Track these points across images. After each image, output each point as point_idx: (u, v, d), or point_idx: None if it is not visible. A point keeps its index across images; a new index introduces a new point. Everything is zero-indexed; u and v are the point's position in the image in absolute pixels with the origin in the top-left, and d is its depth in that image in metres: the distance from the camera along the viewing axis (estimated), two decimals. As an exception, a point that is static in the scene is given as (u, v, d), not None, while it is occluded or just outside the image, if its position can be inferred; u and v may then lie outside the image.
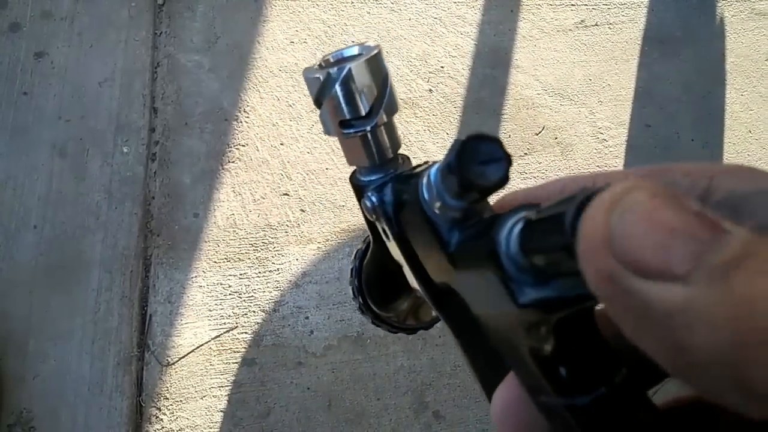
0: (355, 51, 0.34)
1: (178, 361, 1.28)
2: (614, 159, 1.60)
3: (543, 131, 1.60)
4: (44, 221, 1.35)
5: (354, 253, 0.47)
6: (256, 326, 1.32)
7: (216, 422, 1.25)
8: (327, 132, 0.34)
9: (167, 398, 1.25)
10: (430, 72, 1.62)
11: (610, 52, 1.72)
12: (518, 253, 0.20)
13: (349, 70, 0.31)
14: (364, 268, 0.45)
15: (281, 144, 1.49)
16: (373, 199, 0.33)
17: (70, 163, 1.40)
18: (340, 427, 1.27)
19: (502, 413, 0.24)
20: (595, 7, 1.77)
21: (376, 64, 0.33)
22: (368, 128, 0.33)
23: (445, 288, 0.29)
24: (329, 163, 1.48)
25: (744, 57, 1.75)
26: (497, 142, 0.24)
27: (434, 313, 0.41)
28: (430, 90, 1.60)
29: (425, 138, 1.54)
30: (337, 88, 0.32)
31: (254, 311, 1.33)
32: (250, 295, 1.34)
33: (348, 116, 0.33)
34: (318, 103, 0.33)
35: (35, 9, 1.54)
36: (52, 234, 1.34)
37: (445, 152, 0.24)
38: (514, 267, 0.21)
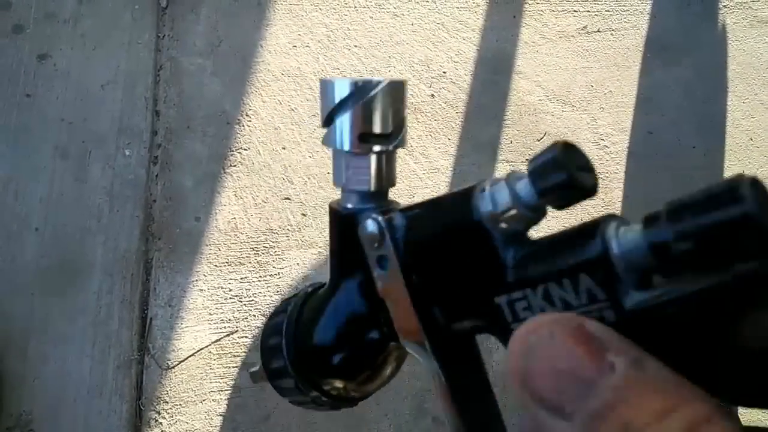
0: (376, 79, 0.33)
1: (178, 364, 1.28)
2: (616, 165, 1.60)
3: (545, 137, 1.60)
4: (46, 223, 1.35)
5: (271, 318, 0.39)
6: (257, 330, 1.32)
7: (215, 426, 1.25)
8: (335, 144, 0.32)
9: (167, 402, 1.25)
10: (432, 77, 1.62)
11: (612, 58, 1.72)
12: (641, 247, 0.21)
13: (390, 83, 0.31)
14: (305, 325, 0.36)
15: (283, 148, 1.49)
16: (380, 219, 0.30)
17: (72, 166, 1.40)
18: (339, 432, 1.27)
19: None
20: (597, 13, 1.77)
21: (403, 94, 0.33)
22: (383, 149, 0.32)
23: (459, 331, 0.28)
24: (330, 168, 1.48)
25: (746, 65, 1.76)
26: (585, 154, 0.24)
27: (386, 375, 0.36)
28: (432, 95, 1.60)
29: (427, 143, 1.54)
30: (369, 98, 0.31)
31: (255, 315, 1.33)
32: (250, 299, 1.34)
33: (372, 130, 0.32)
34: (333, 114, 0.32)
35: (38, 11, 1.54)
36: (54, 236, 1.34)
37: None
38: (626, 269, 0.21)
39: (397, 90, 0.32)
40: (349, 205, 0.34)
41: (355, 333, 0.34)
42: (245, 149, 1.48)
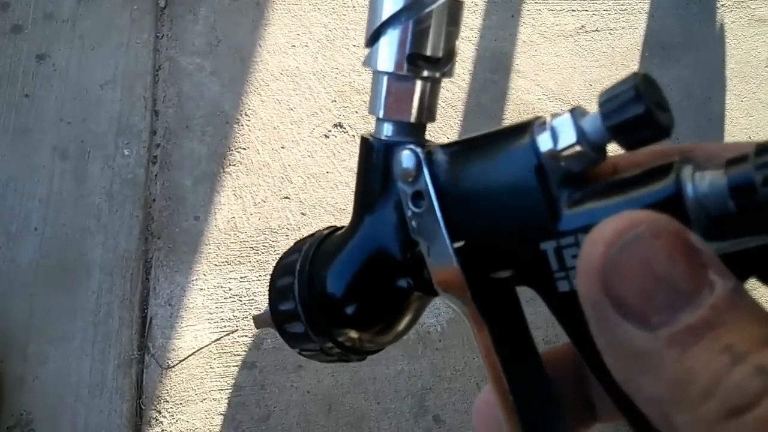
0: None
1: (178, 363, 1.28)
2: (614, 164, 1.61)
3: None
4: (45, 223, 1.35)
5: (281, 262, 0.35)
6: (257, 329, 1.32)
7: (216, 425, 1.25)
8: (378, 65, 0.29)
9: (167, 401, 1.25)
10: (431, 76, 1.62)
11: (611, 57, 1.72)
12: (721, 192, 0.19)
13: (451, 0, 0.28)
14: (318, 270, 0.33)
15: (282, 147, 1.49)
16: (418, 151, 0.27)
17: (71, 166, 1.40)
18: (340, 430, 1.27)
19: (475, 414, 0.27)
20: (595, 12, 1.77)
21: (461, 16, 0.29)
22: (432, 74, 0.29)
23: (499, 278, 0.26)
24: (330, 167, 1.49)
25: (744, 63, 1.76)
26: (663, 93, 0.22)
27: (400, 329, 0.33)
28: (431, 94, 1.60)
29: (426, 142, 1.54)
30: (433, 13, 0.27)
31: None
32: (250, 298, 1.34)
33: (423, 51, 0.28)
34: (381, 29, 0.28)
35: (37, 11, 1.54)
36: (53, 236, 1.34)
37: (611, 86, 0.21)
38: (700, 215, 0.19)
39: (456, 9, 0.28)
40: (385, 136, 0.30)
41: (376, 278, 0.31)
42: (244, 148, 1.48)
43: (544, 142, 0.24)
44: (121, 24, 1.56)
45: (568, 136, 0.23)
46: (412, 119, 0.29)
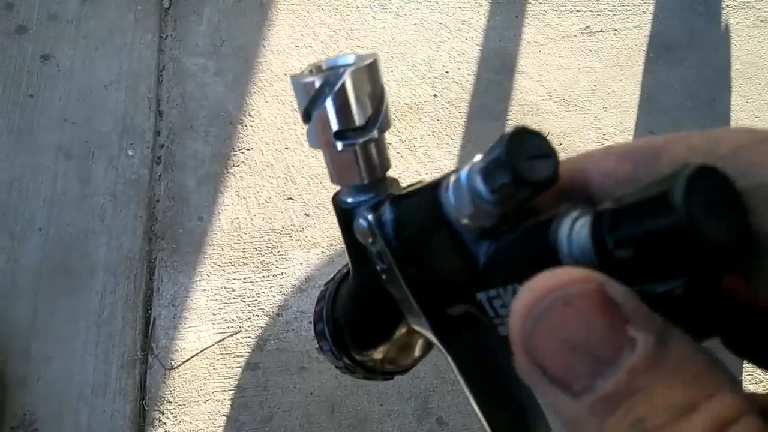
0: (350, 59, 0.31)
1: (181, 364, 1.28)
2: (619, 165, 1.60)
3: (548, 137, 1.60)
4: (49, 224, 1.35)
5: (319, 295, 0.41)
6: (260, 330, 1.32)
7: (219, 426, 1.25)
8: (315, 145, 0.31)
9: (170, 402, 1.25)
10: (435, 77, 1.62)
11: (615, 58, 1.72)
12: (588, 251, 0.19)
13: (349, 73, 0.29)
14: (338, 305, 0.40)
15: (286, 148, 1.49)
16: (369, 218, 0.30)
17: (75, 166, 1.41)
18: (343, 432, 1.27)
19: None
20: (600, 13, 1.77)
21: (374, 73, 0.30)
22: (363, 140, 0.30)
23: (459, 315, 0.27)
24: (334, 168, 1.48)
25: (749, 64, 1.75)
26: (544, 137, 0.22)
27: (417, 355, 0.38)
28: (435, 95, 1.60)
29: (430, 143, 1.54)
30: (335, 92, 0.29)
31: (258, 315, 1.33)
32: (254, 299, 1.34)
33: (343, 126, 0.30)
34: (307, 113, 0.30)
35: (41, 12, 1.54)
36: (57, 236, 1.34)
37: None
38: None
39: (363, 74, 0.29)
40: (348, 199, 0.32)
41: (375, 317, 0.36)
42: (248, 149, 1.48)
43: (448, 204, 0.25)
44: (125, 24, 1.56)
45: (463, 200, 0.24)
46: (365, 181, 0.31)
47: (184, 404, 1.26)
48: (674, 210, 0.16)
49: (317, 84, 0.29)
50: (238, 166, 1.46)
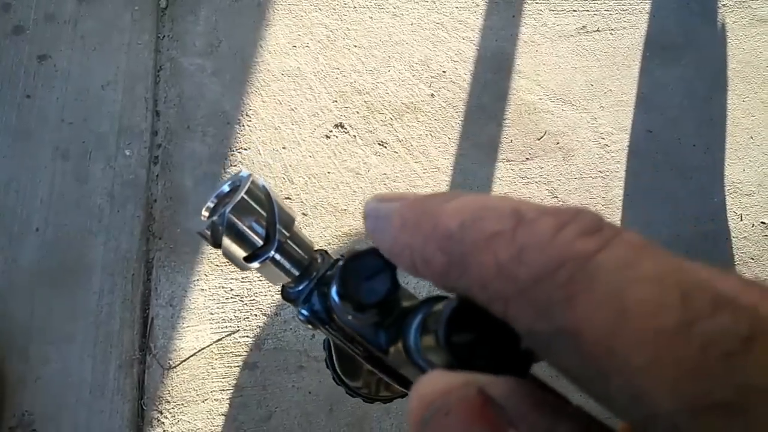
0: (226, 188, 0.34)
1: (179, 364, 1.28)
2: (616, 164, 1.61)
3: (545, 136, 1.60)
4: (46, 224, 1.35)
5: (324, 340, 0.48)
6: (258, 330, 1.32)
7: (217, 426, 1.25)
8: (238, 267, 0.35)
9: (169, 401, 1.25)
10: (432, 77, 1.63)
11: (612, 57, 1.72)
12: (420, 350, 0.23)
13: (229, 215, 0.32)
14: (332, 346, 0.46)
15: (283, 148, 1.49)
16: (305, 312, 0.34)
17: (72, 166, 1.40)
18: (341, 431, 1.27)
19: None
20: (596, 12, 1.77)
21: (253, 193, 0.33)
22: (272, 254, 0.33)
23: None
24: (331, 167, 1.49)
25: (745, 63, 1.76)
26: (374, 253, 0.24)
27: (397, 389, 0.44)
28: (432, 95, 1.60)
29: (427, 142, 1.54)
30: (225, 234, 0.32)
31: (256, 315, 1.33)
32: (251, 298, 1.34)
33: (248, 251, 0.33)
34: (219, 247, 0.34)
35: (38, 12, 1.54)
36: (55, 237, 1.34)
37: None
38: (421, 362, 0.23)
39: (242, 207, 0.32)
40: (290, 291, 0.36)
41: (346, 356, 0.43)
42: (245, 149, 1.48)
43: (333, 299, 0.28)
44: (122, 25, 1.56)
45: (340, 312, 0.27)
46: (296, 274, 0.35)
47: (182, 404, 1.26)
48: (443, 351, 0.19)
49: (209, 232, 0.32)
50: (235, 165, 1.46)
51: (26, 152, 1.40)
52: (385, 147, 1.52)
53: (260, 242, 0.33)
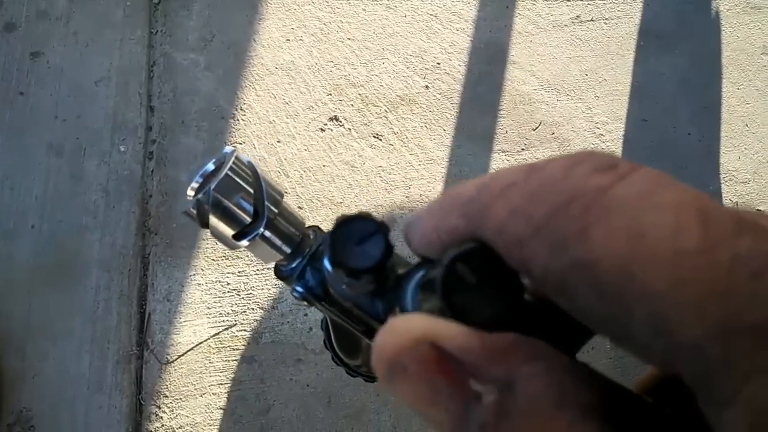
0: (211, 166, 0.34)
1: (177, 359, 1.28)
2: (611, 153, 1.60)
3: (540, 127, 1.60)
4: (42, 221, 1.34)
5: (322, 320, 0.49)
6: (255, 324, 1.32)
7: (216, 420, 1.25)
8: (228, 246, 0.34)
9: (167, 396, 1.25)
10: (426, 68, 1.62)
11: (606, 47, 1.72)
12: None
13: (213, 192, 0.31)
14: (330, 324, 0.46)
15: (278, 141, 1.49)
16: (299, 289, 0.34)
17: (67, 163, 1.40)
18: (339, 423, 1.27)
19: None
20: (590, 2, 1.77)
21: (238, 169, 0.32)
22: (261, 230, 0.33)
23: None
24: (326, 160, 1.48)
25: (740, 51, 1.76)
26: (366, 217, 0.24)
27: None
28: (427, 86, 1.60)
29: (422, 134, 1.54)
30: (211, 212, 0.31)
31: (253, 309, 1.33)
32: (248, 292, 1.34)
33: (236, 229, 0.32)
34: (207, 226, 0.33)
35: (30, 9, 1.53)
36: (50, 233, 1.34)
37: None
38: None
39: (227, 184, 0.32)
40: (283, 269, 0.35)
41: (350, 336, 0.43)
42: (240, 143, 1.48)
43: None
44: (114, 20, 1.55)
45: (335, 282, 0.27)
46: (288, 251, 0.34)
47: (180, 398, 1.26)
48: (439, 298, 0.18)
49: (195, 210, 0.32)
50: (230, 160, 1.46)
51: (20, 149, 1.40)
52: (380, 139, 1.52)
53: (248, 219, 0.32)
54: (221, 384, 1.27)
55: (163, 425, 1.24)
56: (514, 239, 0.16)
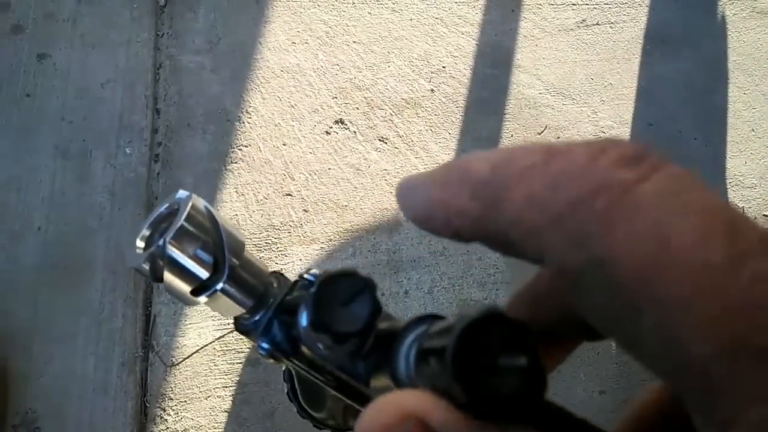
0: (164, 211, 0.30)
1: (182, 361, 1.28)
2: (616, 158, 1.60)
3: (545, 131, 1.60)
4: (48, 223, 1.35)
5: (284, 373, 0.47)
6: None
7: (220, 422, 1.25)
8: (184, 303, 0.31)
9: (172, 398, 1.26)
10: (431, 72, 1.62)
11: (612, 51, 1.72)
12: (412, 378, 0.19)
13: (169, 244, 0.28)
14: (295, 376, 0.43)
15: (284, 144, 1.49)
16: (264, 345, 0.30)
17: (73, 165, 1.41)
18: (344, 426, 1.27)
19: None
20: (596, 6, 1.77)
21: (195, 218, 0.29)
22: (221, 285, 0.30)
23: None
24: (331, 163, 1.49)
25: (746, 56, 1.76)
26: (351, 274, 0.22)
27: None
28: (432, 90, 1.60)
29: (427, 138, 1.54)
30: (167, 267, 0.28)
31: (258, 311, 1.33)
32: (253, 295, 1.34)
33: (195, 285, 0.29)
34: (160, 281, 0.30)
35: (38, 11, 1.54)
36: (56, 235, 1.34)
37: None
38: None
39: (183, 235, 0.28)
40: (245, 322, 0.33)
41: (316, 389, 0.39)
42: (246, 146, 1.48)
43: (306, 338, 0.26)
44: (121, 23, 1.56)
45: (314, 343, 0.25)
46: (250, 304, 0.31)
47: (185, 401, 1.26)
48: (448, 372, 0.16)
49: (148, 265, 0.28)
50: (236, 163, 1.46)
51: (27, 151, 1.40)
52: (386, 143, 1.52)
53: (207, 273, 0.29)
54: (226, 387, 1.27)
55: (168, 428, 1.24)
56: (532, 229, 0.15)
